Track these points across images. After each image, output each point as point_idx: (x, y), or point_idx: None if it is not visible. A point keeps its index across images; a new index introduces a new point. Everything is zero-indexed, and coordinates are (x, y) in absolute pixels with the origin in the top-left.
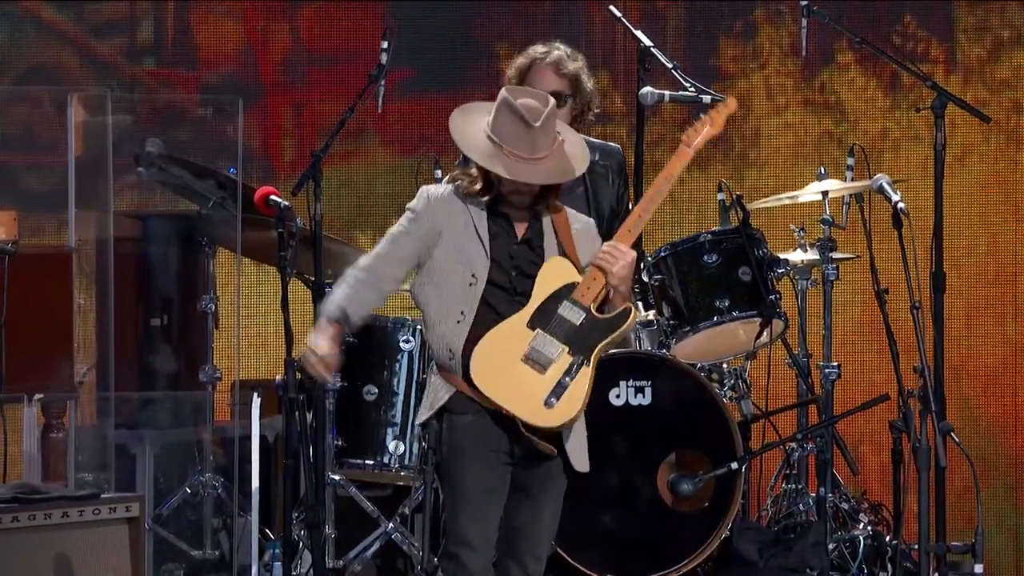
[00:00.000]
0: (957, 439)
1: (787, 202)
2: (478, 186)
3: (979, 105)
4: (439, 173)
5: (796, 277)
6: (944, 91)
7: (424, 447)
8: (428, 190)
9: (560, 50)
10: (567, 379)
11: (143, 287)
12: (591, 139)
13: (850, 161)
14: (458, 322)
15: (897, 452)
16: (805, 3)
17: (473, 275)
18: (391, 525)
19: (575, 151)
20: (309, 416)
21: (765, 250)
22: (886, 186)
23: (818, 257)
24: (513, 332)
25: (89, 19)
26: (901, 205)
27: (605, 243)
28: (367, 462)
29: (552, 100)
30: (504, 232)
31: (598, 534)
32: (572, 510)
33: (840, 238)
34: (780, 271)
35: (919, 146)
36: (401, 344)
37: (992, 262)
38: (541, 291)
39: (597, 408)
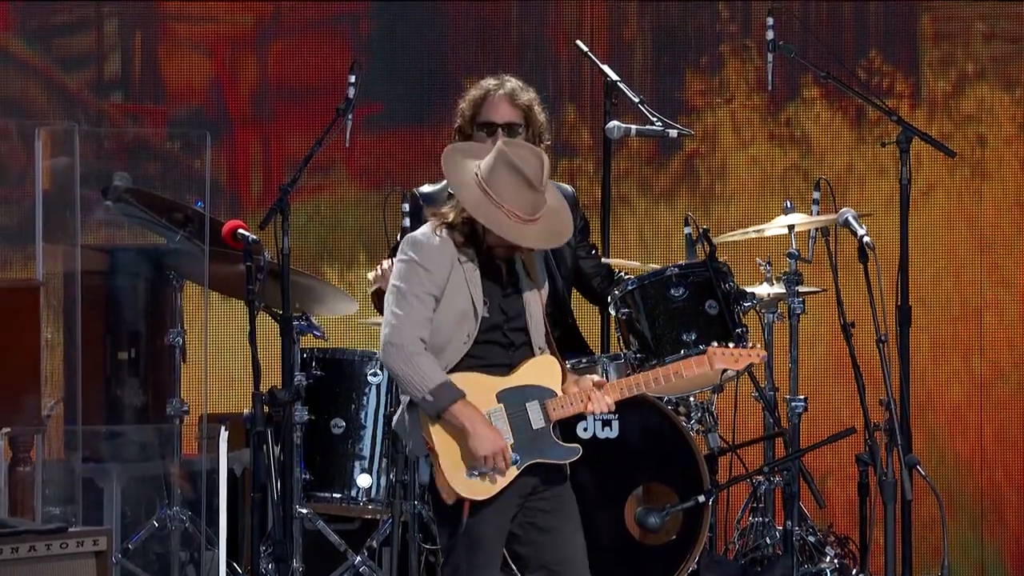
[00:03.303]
0: (923, 472)
1: (753, 235)
2: (461, 238)
3: (944, 139)
4: (406, 207)
5: (763, 310)
6: (909, 125)
7: (392, 480)
8: (425, 239)
9: (512, 82)
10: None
11: (111, 321)
12: None
13: (816, 195)
14: (444, 368)
15: (863, 485)
16: (771, 38)
17: (468, 335)
18: (359, 558)
19: (558, 204)
20: (277, 449)
21: (732, 283)
22: (852, 220)
23: (784, 291)
24: (485, 389)
25: (57, 53)
26: (867, 239)
27: (597, 388)
28: (335, 495)
29: (545, 158)
30: (495, 286)
31: None
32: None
33: (806, 272)
34: (747, 304)
35: (885, 180)
36: (369, 377)
37: (957, 296)
38: (526, 375)
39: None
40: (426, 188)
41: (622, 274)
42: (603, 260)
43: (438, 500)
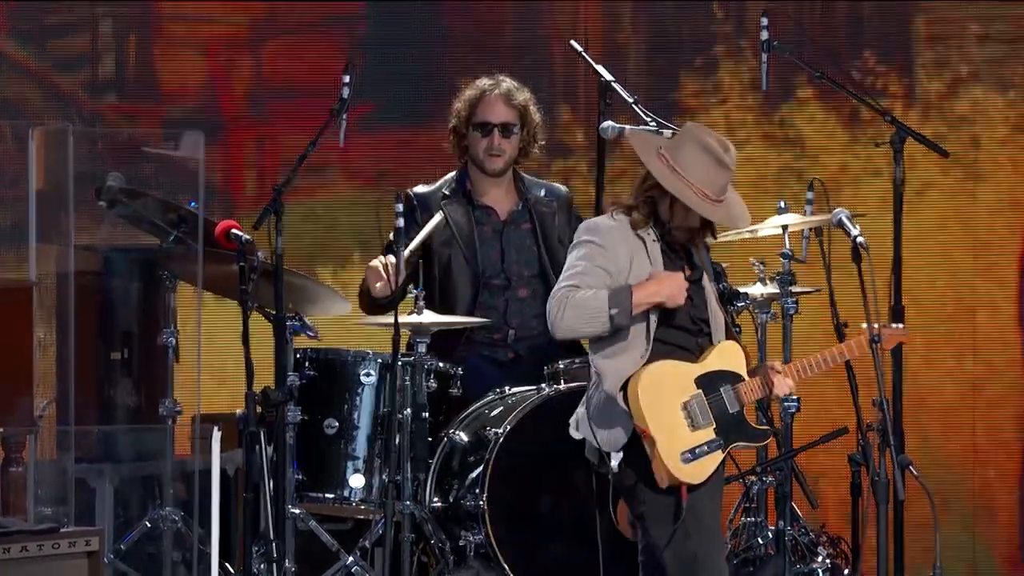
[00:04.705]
0: (916, 472)
1: (747, 236)
2: (641, 217)
3: (938, 140)
4: (400, 207)
5: (756, 311)
6: (903, 126)
7: (385, 481)
8: (600, 222)
9: (508, 82)
10: (705, 448)
11: (103, 321)
12: (539, 179)
13: (810, 195)
14: (641, 357)
15: (856, 485)
16: (765, 38)
17: (655, 316)
18: (351, 559)
19: (735, 193)
20: (269, 450)
21: (725, 284)
22: (846, 220)
23: (778, 291)
24: (682, 376)
25: (51, 53)
26: (861, 239)
27: (784, 376)
28: (327, 496)
29: (731, 146)
30: (677, 270)
31: (557, 566)
32: (531, 543)
33: (800, 272)
34: (740, 304)
35: (878, 180)
36: (362, 378)
37: (951, 296)
38: (716, 361)
39: (556, 441)
40: (420, 189)
41: None
42: None
43: (640, 497)
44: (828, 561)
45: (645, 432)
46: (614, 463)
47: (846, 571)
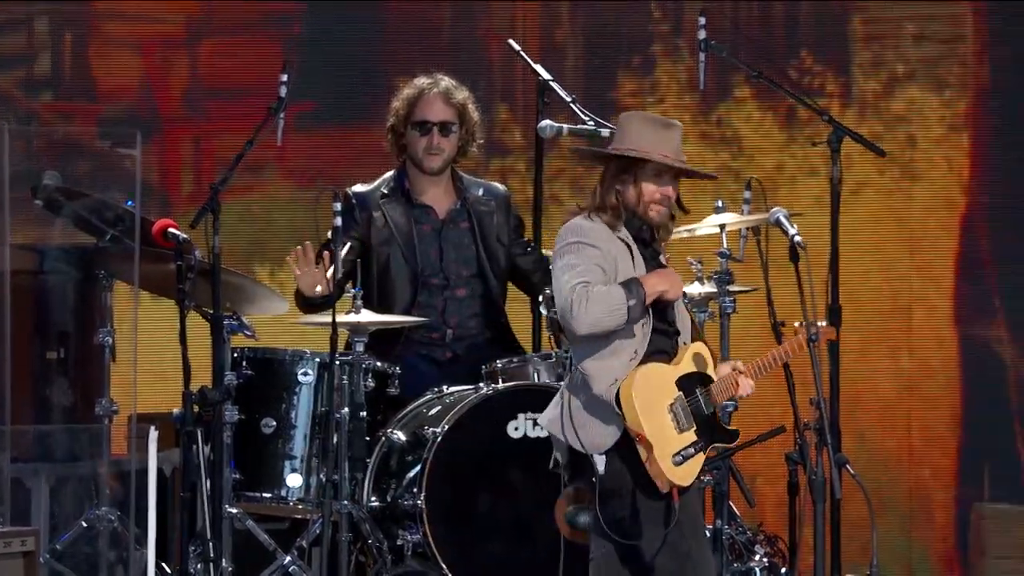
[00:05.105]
0: (853, 471)
1: (684, 235)
2: (613, 218)
3: (874, 139)
4: (337, 206)
5: (693, 310)
6: (840, 125)
7: (322, 480)
8: (583, 222)
9: (446, 80)
10: (692, 450)
11: (39, 320)
12: (477, 179)
13: (747, 194)
14: (631, 360)
15: (793, 484)
16: (703, 38)
17: (648, 315)
18: (288, 559)
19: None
20: (206, 449)
21: None
22: (783, 219)
23: (715, 290)
24: (666, 378)
25: None
26: (798, 238)
27: (746, 376)
28: (265, 495)
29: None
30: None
31: (495, 566)
32: (469, 543)
33: (737, 271)
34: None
35: (815, 179)
36: (299, 377)
37: (887, 295)
38: (690, 363)
39: (495, 440)
40: (358, 188)
41: None
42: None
43: (627, 499)
44: (765, 560)
45: (640, 436)
46: (600, 466)
47: (783, 570)
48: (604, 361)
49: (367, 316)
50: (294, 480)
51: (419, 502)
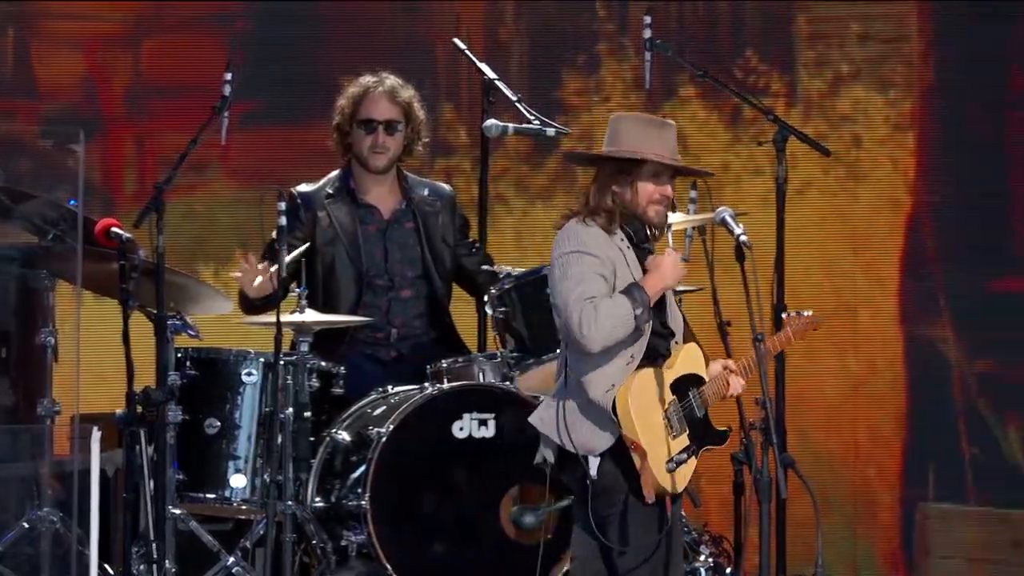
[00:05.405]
0: (799, 472)
1: None
2: (608, 221)
3: (819, 138)
4: (282, 206)
5: None
6: (785, 124)
7: (266, 481)
8: (579, 228)
9: (391, 79)
10: (684, 456)
11: None
12: (422, 178)
13: (693, 194)
14: (627, 364)
15: (739, 484)
16: (648, 37)
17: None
18: (232, 559)
19: None
20: (150, 450)
21: None
22: (729, 219)
23: None
24: (662, 383)
25: None
26: (744, 238)
27: (736, 375)
28: (208, 496)
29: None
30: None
31: (440, 567)
32: (414, 543)
33: None
34: None
35: (761, 179)
36: (243, 377)
37: (832, 294)
38: (684, 365)
39: (440, 440)
40: (303, 187)
41: (508, 270)
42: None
43: (619, 502)
44: (711, 560)
45: (635, 444)
46: (593, 469)
47: (728, 570)
48: (600, 366)
49: (312, 316)
50: (238, 481)
51: (364, 502)
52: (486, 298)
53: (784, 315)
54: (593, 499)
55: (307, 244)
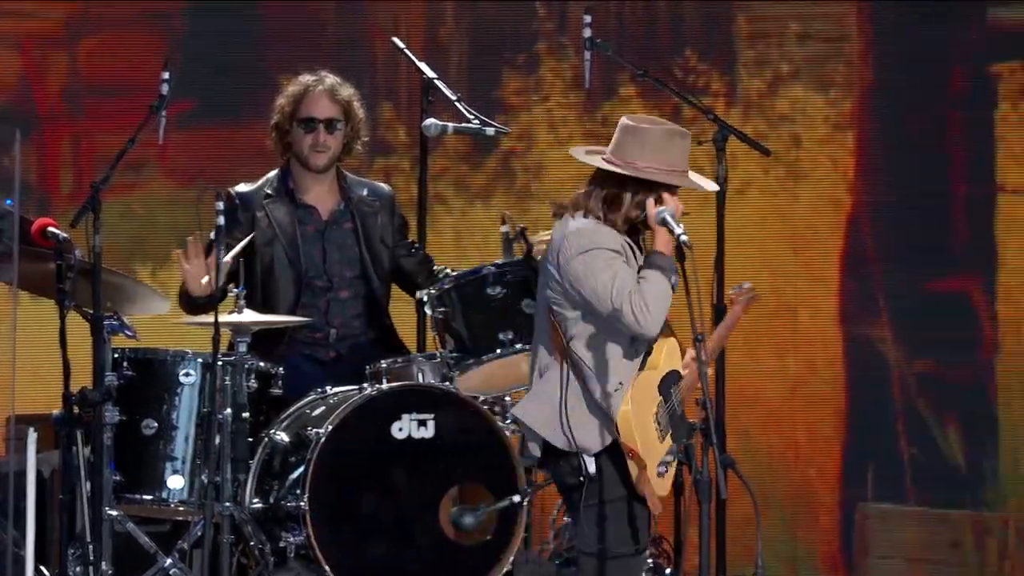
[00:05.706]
0: (739, 473)
1: None
2: (619, 223)
3: (759, 138)
4: (220, 206)
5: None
6: (725, 124)
7: (204, 482)
8: (590, 226)
9: (331, 78)
10: (670, 458)
11: None
12: (361, 178)
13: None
14: (634, 360)
15: (678, 485)
16: (588, 36)
17: None
18: (169, 561)
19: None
20: (86, 450)
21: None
22: (669, 218)
23: None
24: (650, 386)
25: None
26: (684, 238)
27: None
28: (146, 497)
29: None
30: None
31: (379, 567)
32: (353, 544)
33: None
34: None
35: None
36: (181, 377)
37: (772, 294)
38: (666, 362)
39: (379, 441)
40: (242, 187)
41: (447, 270)
42: (428, 255)
43: (611, 502)
44: (651, 560)
45: (634, 452)
46: (591, 468)
47: (668, 570)
48: (610, 360)
49: (250, 316)
50: (175, 482)
51: (302, 503)
52: (425, 298)
53: (730, 291)
54: (587, 494)
55: (252, 235)
